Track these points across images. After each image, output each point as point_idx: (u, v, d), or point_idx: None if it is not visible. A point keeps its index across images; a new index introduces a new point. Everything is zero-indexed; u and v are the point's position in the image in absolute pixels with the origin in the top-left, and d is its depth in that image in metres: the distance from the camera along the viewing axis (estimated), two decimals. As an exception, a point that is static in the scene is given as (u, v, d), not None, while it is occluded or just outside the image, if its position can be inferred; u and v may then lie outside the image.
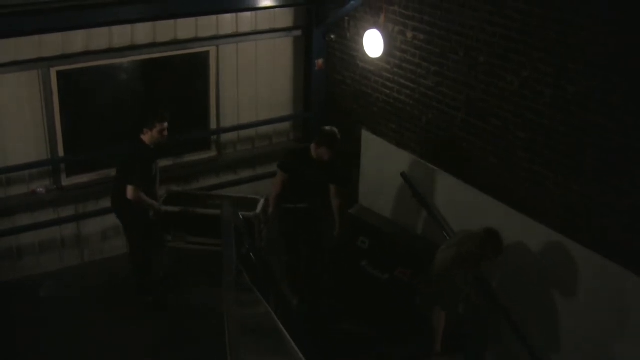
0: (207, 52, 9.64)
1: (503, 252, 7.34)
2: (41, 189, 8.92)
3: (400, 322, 8.34)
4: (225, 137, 10.16)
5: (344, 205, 8.82)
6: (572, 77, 6.92)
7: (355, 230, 8.90)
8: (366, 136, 9.54)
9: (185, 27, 9.23)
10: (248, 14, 9.58)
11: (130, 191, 7.93)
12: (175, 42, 9.26)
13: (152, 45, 9.11)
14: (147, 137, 8.06)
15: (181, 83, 9.80)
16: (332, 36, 9.99)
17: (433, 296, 7.81)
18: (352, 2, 9.27)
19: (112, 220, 9.35)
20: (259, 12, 9.61)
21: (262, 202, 8.95)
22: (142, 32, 8.96)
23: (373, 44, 9.06)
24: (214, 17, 9.37)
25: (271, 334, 6.15)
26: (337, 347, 8.15)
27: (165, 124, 8.10)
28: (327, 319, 8.63)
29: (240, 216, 7.79)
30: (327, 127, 8.38)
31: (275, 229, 8.86)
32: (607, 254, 6.82)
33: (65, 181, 9.16)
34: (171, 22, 9.08)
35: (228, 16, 9.48)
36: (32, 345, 7.96)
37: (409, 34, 8.72)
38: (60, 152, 8.97)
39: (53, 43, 8.44)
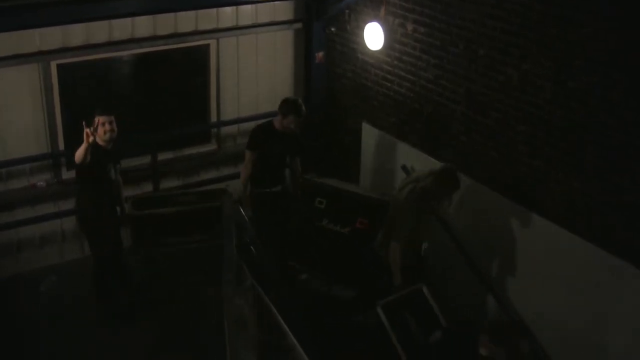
0: (207, 45, 9.63)
1: (459, 187, 7.61)
2: (41, 183, 8.93)
3: (367, 269, 8.53)
4: (226, 130, 10.16)
5: (301, 173, 9.04)
6: (572, 73, 6.91)
7: (311, 193, 8.92)
8: (366, 129, 9.55)
9: (185, 20, 9.22)
10: (248, 6, 9.57)
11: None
12: (175, 35, 9.26)
13: (152, 38, 9.11)
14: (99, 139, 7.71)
15: (181, 76, 9.79)
16: (333, 29, 9.97)
17: (388, 232, 7.90)
18: (352, -5, 9.27)
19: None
20: (259, 4, 9.60)
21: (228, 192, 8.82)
22: (142, 25, 8.95)
23: (373, 36, 9.03)
24: (214, 10, 9.35)
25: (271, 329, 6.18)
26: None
27: (106, 118, 7.71)
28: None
29: (241, 211, 7.79)
30: (289, 97, 8.55)
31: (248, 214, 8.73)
32: (608, 248, 6.85)
33: (66, 174, 9.15)
34: (171, 15, 9.07)
35: (228, 9, 9.46)
36: (32, 339, 7.98)
37: (409, 27, 8.70)
38: (61, 146, 8.98)
39: (53, 36, 8.44)
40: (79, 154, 7.44)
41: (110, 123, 7.77)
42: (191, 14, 9.20)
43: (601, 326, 7.07)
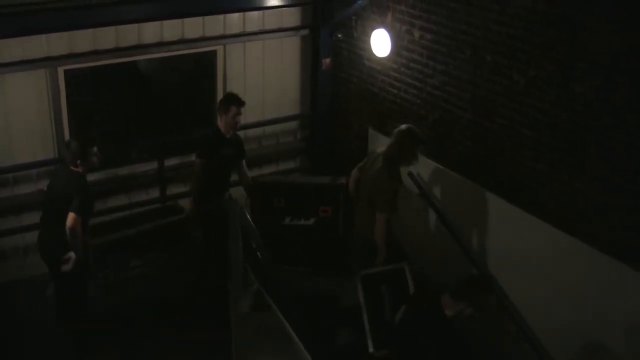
0: (214, 52, 9.64)
1: (423, 141, 7.86)
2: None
3: (342, 253, 8.77)
4: (232, 136, 10.16)
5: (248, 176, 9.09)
6: (576, 76, 6.90)
7: (266, 193, 8.98)
8: (373, 135, 9.55)
9: (192, 27, 9.24)
10: (255, 13, 9.58)
11: (72, 219, 7.30)
12: (183, 42, 9.27)
13: (159, 45, 9.13)
14: (82, 169, 7.55)
15: (188, 82, 9.81)
16: (339, 35, 9.98)
17: (369, 210, 7.95)
18: (359, 2, 9.26)
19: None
20: (266, 11, 9.61)
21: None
22: (149, 31, 8.97)
23: (380, 43, 9.06)
24: (221, 16, 9.37)
25: (278, 334, 6.16)
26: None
27: (95, 149, 7.61)
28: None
29: (248, 216, 7.80)
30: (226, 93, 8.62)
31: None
32: (611, 252, 6.83)
33: (73, 180, 9.16)
34: (178, 21, 9.09)
35: (235, 15, 9.48)
36: (37, 342, 7.99)
37: (416, 33, 8.71)
38: (68, 151, 8.98)
39: (60, 42, 8.46)
40: (77, 228, 7.37)
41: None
42: (198, 20, 9.22)
43: (603, 329, 7.06)
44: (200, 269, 8.78)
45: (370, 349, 7.46)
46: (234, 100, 8.34)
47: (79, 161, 7.45)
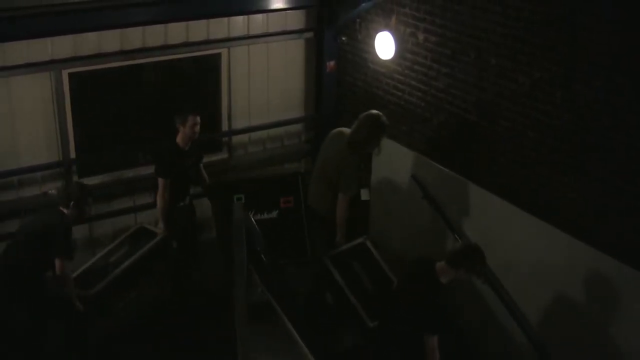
0: (219, 54, 9.65)
1: (386, 126, 8.09)
2: (53, 191, 8.94)
3: (309, 240, 8.82)
4: (237, 138, 10.18)
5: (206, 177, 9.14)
6: (578, 78, 6.91)
7: (226, 192, 8.90)
8: (377, 138, 9.55)
9: (196, 29, 9.25)
10: (259, 16, 9.59)
11: (62, 265, 7.32)
12: (187, 44, 9.28)
13: (164, 47, 9.13)
14: (73, 211, 7.52)
15: (192, 85, 9.81)
16: (343, 38, 9.99)
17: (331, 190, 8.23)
18: (363, 4, 9.26)
19: (123, 222, 9.41)
20: (270, 14, 9.62)
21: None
22: (154, 34, 8.98)
23: (384, 46, 9.07)
24: (225, 19, 9.38)
25: (282, 336, 6.17)
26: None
27: (91, 200, 7.73)
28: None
29: (252, 219, 7.79)
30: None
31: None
32: (612, 253, 6.84)
33: (77, 183, 9.18)
34: (183, 24, 9.10)
35: (239, 18, 9.49)
36: (37, 343, 7.95)
37: (421, 36, 8.71)
38: (72, 154, 9.00)
39: (65, 45, 8.48)
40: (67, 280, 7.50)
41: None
42: (202, 23, 9.23)
43: (605, 330, 7.07)
44: (180, 274, 8.94)
45: (370, 324, 7.66)
46: (190, 111, 8.43)
47: (72, 203, 7.44)
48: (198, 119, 8.46)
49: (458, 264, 6.48)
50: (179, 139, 8.49)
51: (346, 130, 8.33)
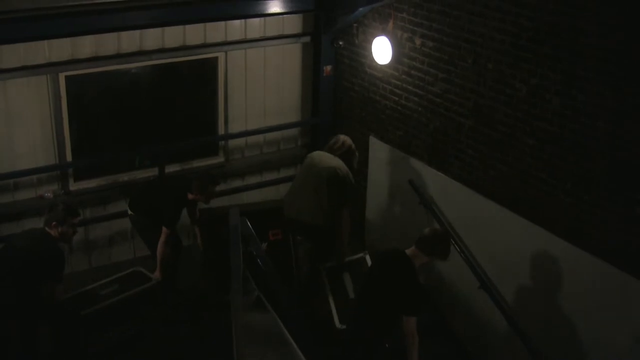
0: (216, 58, 9.64)
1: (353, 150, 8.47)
2: (49, 194, 8.93)
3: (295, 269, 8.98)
4: (233, 143, 10.18)
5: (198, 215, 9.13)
6: (580, 85, 6.90)
7: (215, 224, 8.87)
8: (374, 143, 9.55)
9: (193, 33, 9.25)
10: (256, 20, 9.59)
11: (59, 292, 7.39)
12: (184, 48, 9.28)
13: (161, 51, 9.13)
14: (55, 232, 7.42)
15: (189, 88, 9.80)
16: (340, 43, 9.98)
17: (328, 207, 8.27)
18: (360, 9, 9.25)
19: (119, 225, 9.41)
20: (268, 18, 9.61)
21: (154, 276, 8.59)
22: (151, 37, 8.98)
23: (381, 50, 9.07)
24: (222, 23, 9.38)
25: (278, 341, 6.16)
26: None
27: (77, 219, 7.68)
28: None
29: (248, 224, 7.78)
30: (198, 177, 8.74)
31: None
32: (614, 262, 6.82)
33: (73, 186, 9.17)
34: (180, 28, 9.09)
35: (237, 22, 9.49)
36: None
37: (418, 41, 8.71)
38: (68, 157, 8.99)
39: (62, 48, 8.48)
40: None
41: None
42: (200, 26, 9.23)
43: (604, 337, 7.04)
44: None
45: (337, 325, 7.76)
46: (210, 180, 8.64)
47: (54, 223, 7.38)
48: (216, 188, 8.63)
49: (429, 249, 6.76)
50: (191, 196, 8.53)
51: (324, 152, 8.52)
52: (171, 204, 8.52)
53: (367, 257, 8.35)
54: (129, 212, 8.70)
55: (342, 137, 8.51)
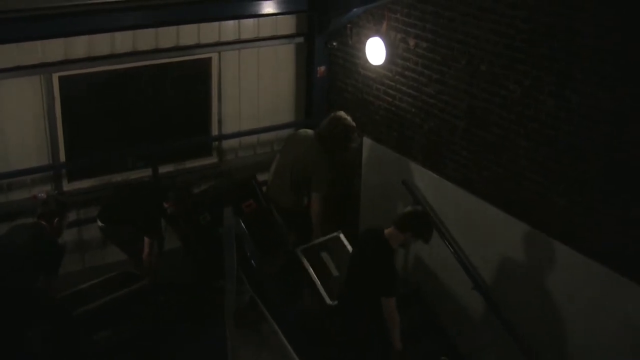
0: (209, 59, 9.64)
1: (349, 127, 8.47)
2: (42, 194, 8.91)
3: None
4: (227, 143, 10.17)
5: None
6: (575, 87, 6.91)
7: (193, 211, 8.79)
8: (367, 143, 9.54)
9: (187, 34, 9.24)
10: (250, 20, 9.58)
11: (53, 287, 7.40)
12: (178, 49, 9.27)
13: (154, 51, 9.12)
14: (54, 227, 7.48)
15: (183, 89, 9.79)
16: (334, 43, 9.99)
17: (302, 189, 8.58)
18: (354, 10, 9.26)
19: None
20: (261, 19, 9.61)
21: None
22: (144, 38, 8.96)
23: (375, 51, 9.09)
24: (216, 23, 9.37)
25: (272, 345, 6.18)
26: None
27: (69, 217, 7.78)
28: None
29: (242, 224, 7.79)
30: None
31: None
32: (608, 264, 6.83)
33: (67, 186, 9.16)
34: (173, 28, 9.08)
35: (230, 23, 9.48)
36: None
37: (411, 42, 8.72)
38: (62, 158, 8.98)
39: (55, 48, 8.46)
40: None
41: None
42: (193, 27, 9.21)
43: (598, 340, 7.07)
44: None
45: (328, 301, 7.86)
46: (190, 194, 8.74)
47: (56, 219, 7.42)
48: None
49: (405, 227, 6.84)
50: (170, 210, 8.44)
51: (310, 131, 8.74)
52: (155, 215, 8.48)
53: (342, 236, 8.49)
54: (100, 223, 8.58)
55: (335, 120, 8.59)
